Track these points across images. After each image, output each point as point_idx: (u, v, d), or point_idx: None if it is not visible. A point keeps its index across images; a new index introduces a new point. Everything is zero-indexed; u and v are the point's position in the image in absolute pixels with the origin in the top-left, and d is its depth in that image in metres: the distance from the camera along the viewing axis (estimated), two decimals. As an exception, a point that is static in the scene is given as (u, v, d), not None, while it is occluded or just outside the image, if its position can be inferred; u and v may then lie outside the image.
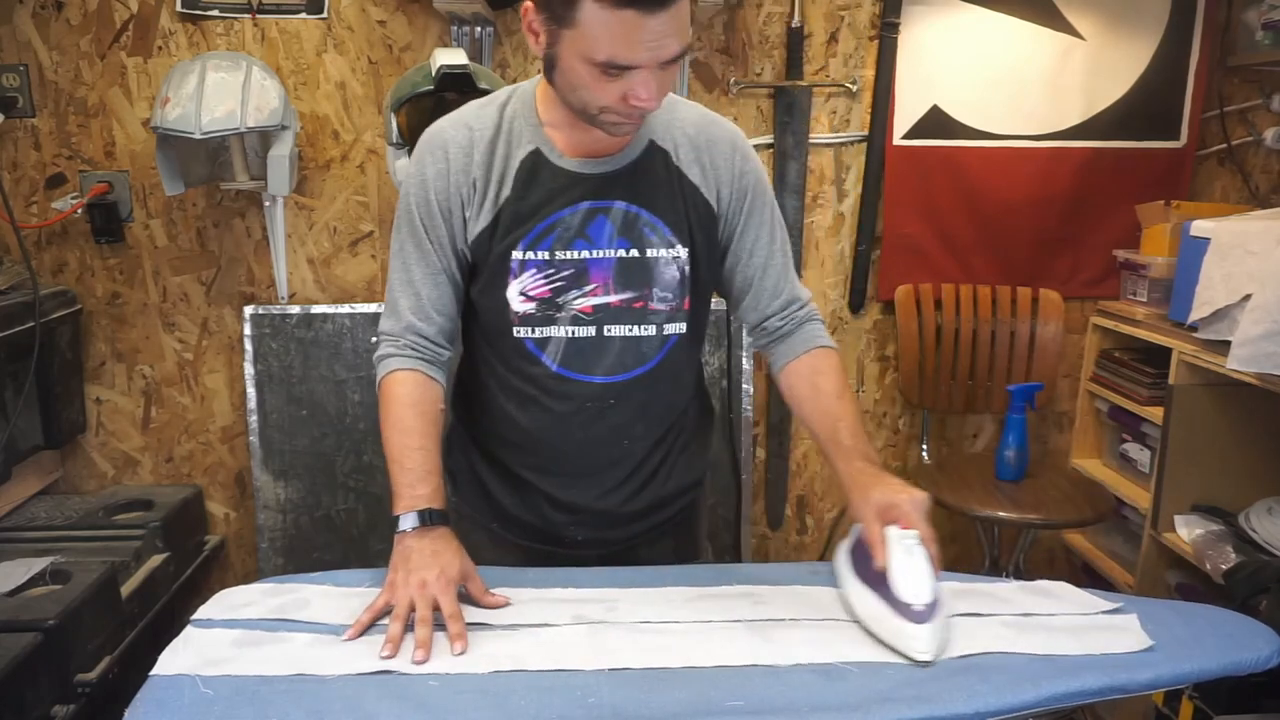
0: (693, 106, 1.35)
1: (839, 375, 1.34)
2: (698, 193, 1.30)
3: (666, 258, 1.28)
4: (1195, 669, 1.09)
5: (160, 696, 0.99)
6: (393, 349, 1.30)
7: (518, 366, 1.32)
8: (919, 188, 2.56)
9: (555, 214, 1.25)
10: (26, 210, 2.42)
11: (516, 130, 1.27)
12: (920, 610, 1.07)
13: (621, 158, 1.27)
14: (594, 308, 1.28)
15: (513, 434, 1.37)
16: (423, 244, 1.29)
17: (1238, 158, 2.52)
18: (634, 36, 1.06)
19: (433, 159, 1.27)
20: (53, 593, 1.80)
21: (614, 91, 1.12)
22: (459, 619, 1.11)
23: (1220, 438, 2.14)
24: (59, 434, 2.39)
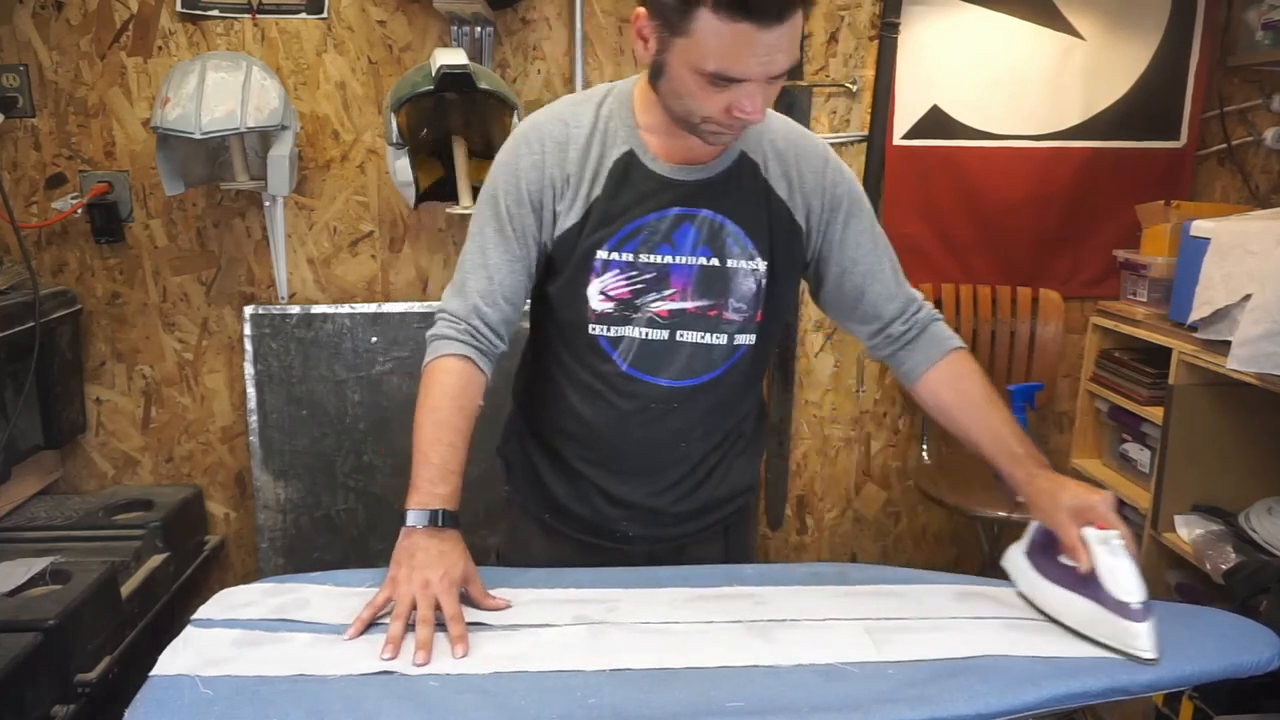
0: (783, 120, 1.35)
1: (982, 378, 1.33)
2: (783, 207, 1.30)
3: (746, 269, 1.29)
4: (1196, 671, 1.09)
5: (160, 696, 0.99)
6: (451, 331, 1.28)
7: (588, 363, 1.32)
8: (919, 188, 2.56)
9: (644, 217, 1.26)
10: (26, 210, 2.42)
11: (612, 130, 1.27)
12: (1138, 609, 1.07)
13: (713, 167, 1.27)
14: (670, 312, 1.29)
15: (574, 427, 1.37)
16: (504, 230, 1.28)
17: (1238, 158, 2.52)
18: (746, 49, 1.07)
19: (529, 149, 1.27)
20: (53, 593, 1.80)
21: (719, 102, 1.13)
22: (460, 621, 1.11)
23: (1220, 438, 2.14)
24: (59, 434, 2.39)
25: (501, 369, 1.35)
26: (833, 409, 2.73)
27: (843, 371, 2.71)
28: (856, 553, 2.85)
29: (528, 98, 2.44)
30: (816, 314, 2.65)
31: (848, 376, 2.71)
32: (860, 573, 1.30)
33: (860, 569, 1.32)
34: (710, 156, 1.27)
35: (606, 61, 2.44)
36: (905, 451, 2.78)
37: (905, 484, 2.80)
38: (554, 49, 2.43)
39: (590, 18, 2.41)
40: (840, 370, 2.71)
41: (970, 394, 1.32)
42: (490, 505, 2.53)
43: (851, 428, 2.75)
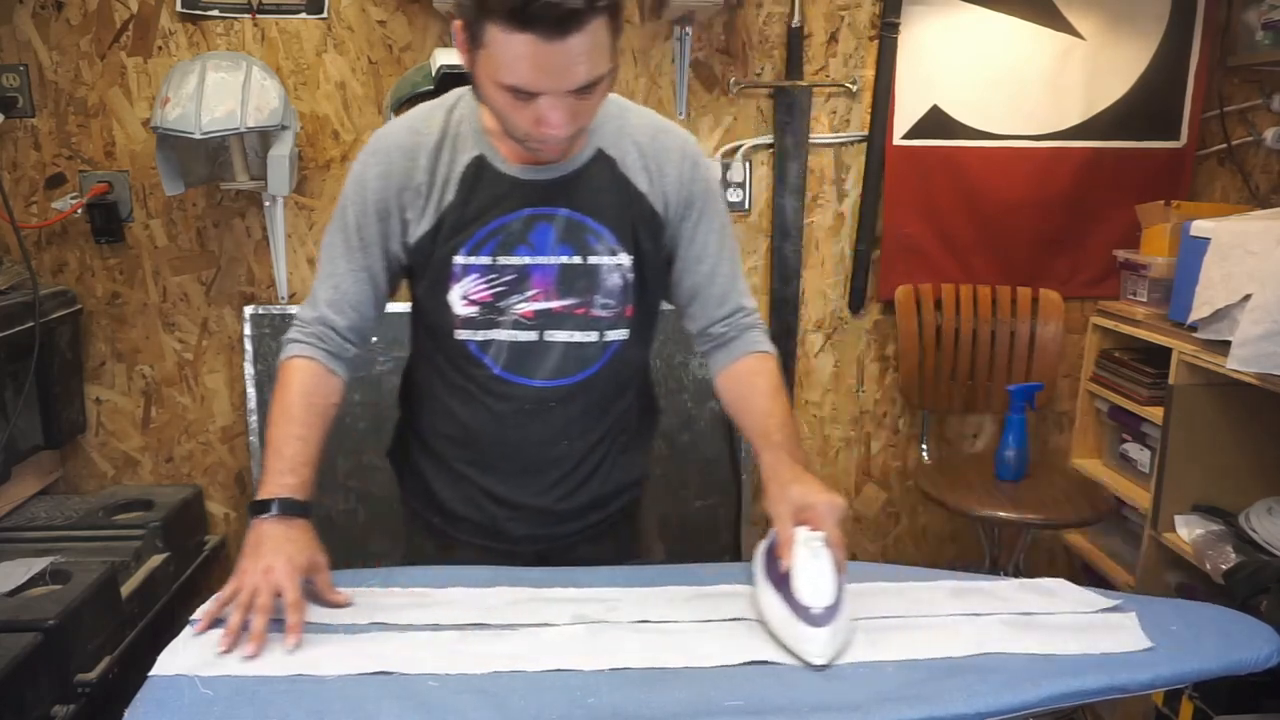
0: (645, 114, 1.35)
1: (775, 377, 1.33)
2: (644, 200, 1.30)
3: (610, 265, 1.29)
4: (1195, 668, 1.09)
5: (160, 696, 0.99)
6: (300, 335, 1.33)
7: (461, 367, 1.34)
8: (919, 188, 2.56)
9: (497, 220, 1.27)
10: (26, 210, 2.42)
11: (462, 135, 1.28)
12: (818, 613, 1.05)
13: (566, 165, 1.27)
14: (535, 313, 1.29)
15: (454, 430, 1.39)
16: (350, 240, 1.30)
17: (1238, 158, 2.52)
18: (533, 62, 1.05)
19: (375, 160, 1.29)
20: (53, 593, 1.80)
21: (526, 116, 1.12)
22: (299, 609, 1.11)
23: (1220, 438, 2.14)
24: (59, 434, 2.39)
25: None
26: (833, 409, 2.73)
27: (843, 371, 2.71)
28: (856, 553, 2.85)
29: (528, 98, 2.44)
30: (816, 314, 2.66)
31: (848, 376, 2.71)
32: (859, 571, 1.30)
33: (859, 567, 1.32)
34: (561, 157, 1.27)
35: (606, 61, 2.44)
36: (905, 451, 2.78)
37: (905, 484, 2.79)
38: (554, 49, 2.43)
39: (590, 18, 2.41)
40: (840, 370, 2.71)
41: (754, 385, 1.32)
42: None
43: (851, 428, 2.75)
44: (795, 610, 1.07)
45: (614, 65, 1.14)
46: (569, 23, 1.03)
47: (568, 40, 1.04)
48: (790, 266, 2.59)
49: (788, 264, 2.59)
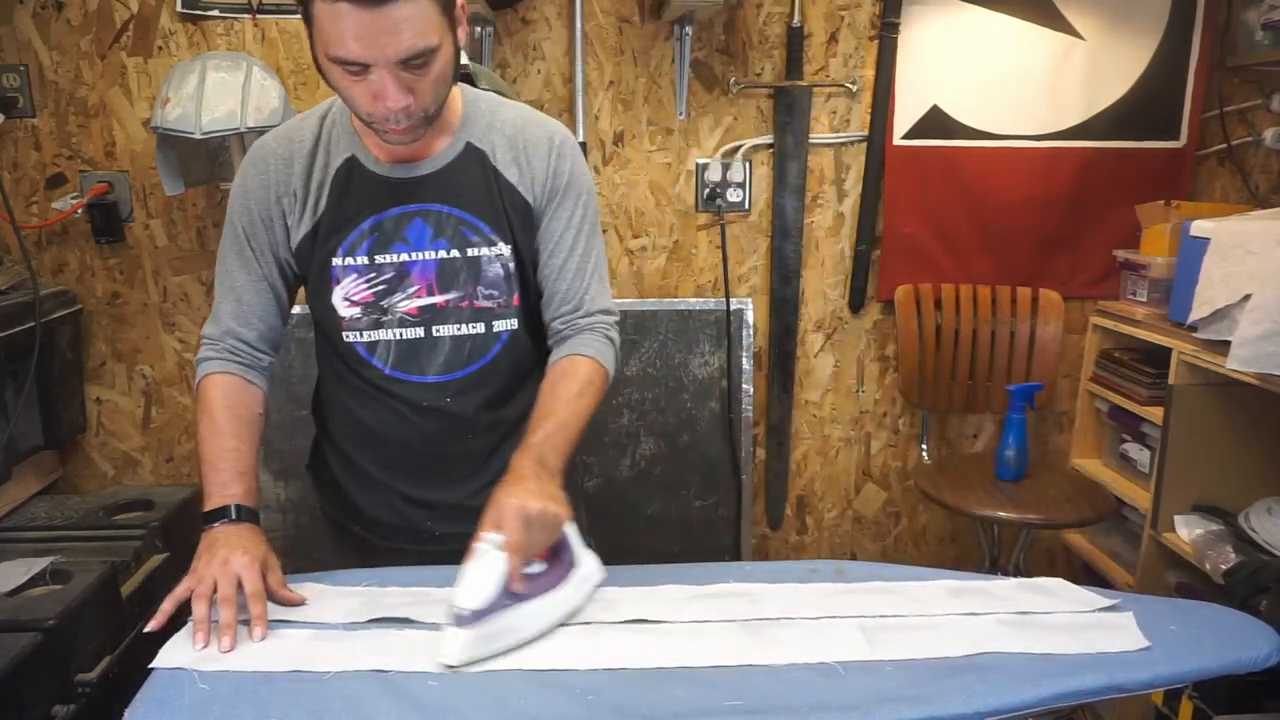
0: (517, 108, 1.37)
1: (582, 382, 1.30)
2: (515, 191, 1.31)
3: (489, 256, 1.30)
4: (1195, 668, 1.09)
5: (160, 695, 1.00)
6: (212, 353, 1.34)
7: (355, 369, 1.35)
8: (919, 188, 2.56)
9: (371, 219, 1.28)
10: (27, 210, 2.42)
11: (335, 139, 1.30)
12: (461, 614, 1.04)
13: (436, 160, 1.29)
14: (419, 309, 1.30)
15: (360, 434, 1.39)
16: (244, 252, 1.33)
17: (1238, 158, 2.52)
18: (355, 31, 1.07)
19: (254, 170, 1.31)
20: (53, 593, 1.79)
21: (362, 92, 1.13)
22: (261, 599, 1.12)
23: (1220, 438, 2.14)
24: (59, 434, 2.39)
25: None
26: (832, 409, 2.73)
27: (843, 371, 2.71)
28: (856, 553, 2.85)
29: (528, 98, 2.44)
30: (816, 314, 2.66)
31: (848, 376, 2.71)
32: (858, 570, 1.30)
33: (858, 566, 1.32)
34: (430, 151, 1.29)
35: (606, 61, 2.45)
36: (905, 451, 2.78)
37: (905, 484, 2.79)
38: (554, 49, 2.43)
39: (590, 18, 2.41)
40: (840, 370, 2.71)
41: (553, 386, 1.29)
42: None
43: (851, 428, 2.75)
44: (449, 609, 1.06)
45: (447, 42, 1.14)
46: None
47: (384, 8, 1.05)
48: (790, 266, 2.59)
49: (788, 264, 2.59)
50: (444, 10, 1.12)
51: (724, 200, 2.54)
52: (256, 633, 1.09)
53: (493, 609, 1.05)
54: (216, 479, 1.24)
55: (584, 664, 1.06)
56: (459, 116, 1.31)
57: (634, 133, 2.50)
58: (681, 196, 2.56)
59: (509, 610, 1.07)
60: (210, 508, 1.22)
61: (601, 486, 2.55)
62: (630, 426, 2.53)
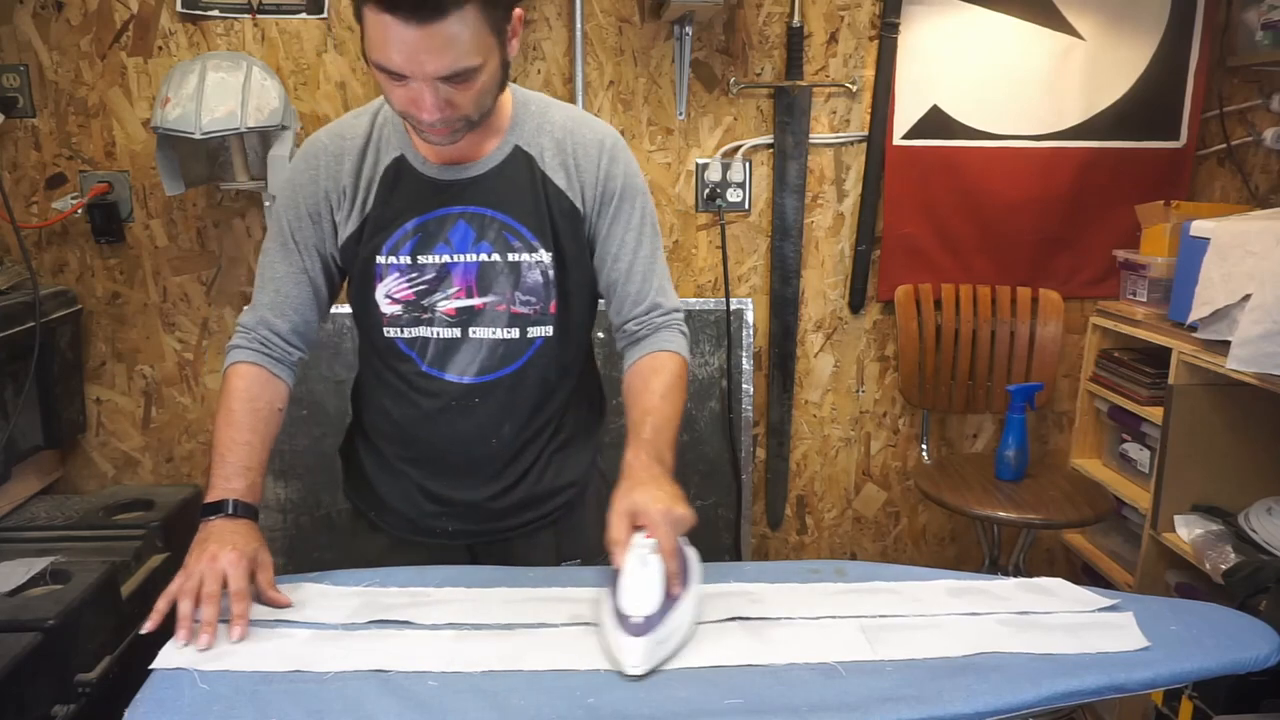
0: (566, 109, 1.36)
1: (672, 377, 1.32)
2: (563, 196, 1.31)
3: (529, 262, 1.30)
4: (1194, 668, 1.09)
5: (161, 695, 1.00)
6: (243, 341, 1.34)
7: (391, 364, 1.36)
8: (919, 188, 2.56)
9: (416, 219, 1.29)
10: (27, 210, 2.42)
11: (386, 137, 1.31)
12: (636, 623, 1.04)
13: (484, 163, 1.29)
14: (457, 310, 1.31)
15: (388, 426, 1.41)
16: (287, 244, 1.33)
17: (1237, 158, 2.52)
18: (391, 43, 1.07)
19: (305, 165, 1.33)
20: (53, 593, 1.79)
21: (400, 98, 1.14)
22: (244, 598, 1.12)
23: (1220, 438, 2.14)
24: (59, 434, 2.39)
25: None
26: (832, 409, 2.73)
27: (842, 371, 2.71)
28: (856, 553, 2.85)
29: (527, 98, 2.44)
30: (816, 314, 2.66)
31: (847, 376, 2.71)
32: (858, 570, 1.30)
33: (858, 566, 1.32)
34: (480, 154, 1.29)
35: (607, 61, 2.45)
36: (905, 451, 2.78)
37: (905, 484, 2.80)
38: (554, 49, 2.43)
39: (590, 18, 2.41)
40: (840, 370, 2.71)
41: (647, 382, 1.31)
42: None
43: (851, 428, 2.75)
44: (617, 617, 1.06)
45: (493, 59, 1.14)
46: (428, 9, 1.04)
47: (428, 26, 1.05)
48: (790, 266, 2.59)
49: (788, 264, 2.59)
50: (494, 28, 1.11)
51: (724, 200, 2.54)
52: (235, 632, 1.09)
53: (661, 613, 1.06)
54: (221, 471, 1.24)
55: (583, 664, 1.06)
56: (508, 118, 1.31)
57: (634, 133, 2.50)
58: (681, 196, 2.56)
59: (671, 612, 1.08)
60: (210, 500, 1.22)
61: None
62: (630, 426, 2.52)
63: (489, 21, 1.10)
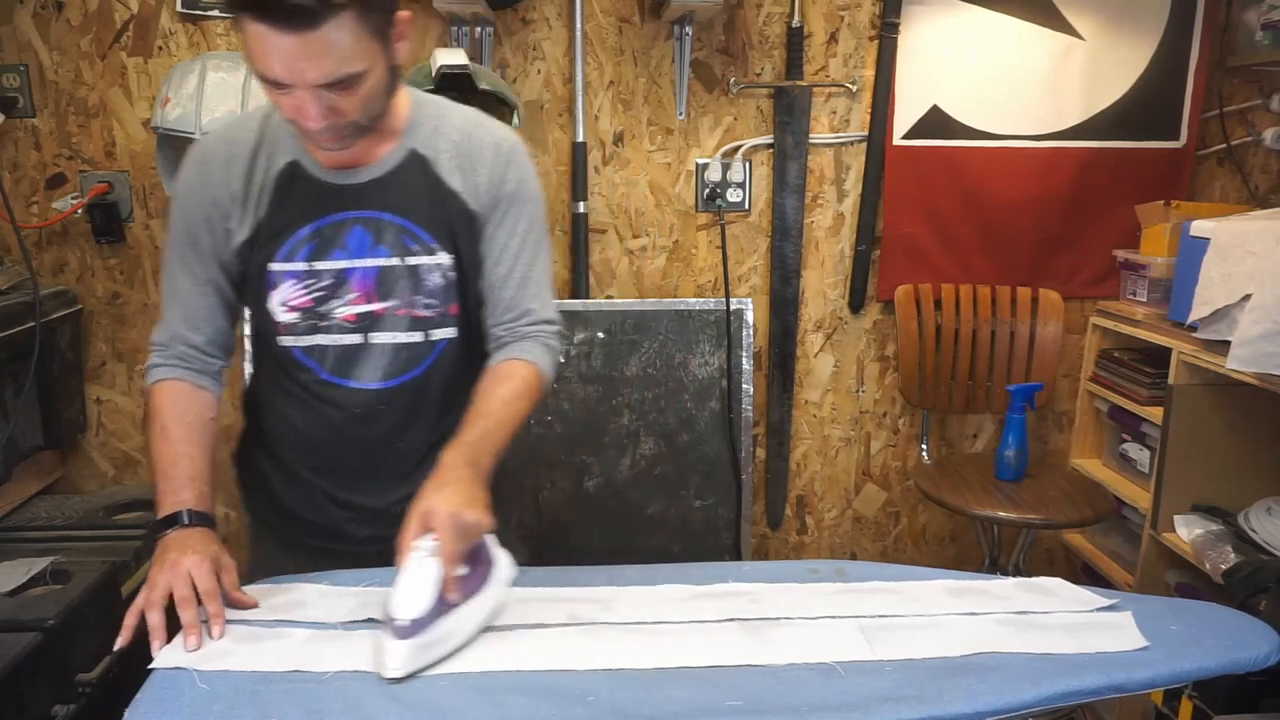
0: (466, 113, 1.34)
1: (520, 384, 1.28)
2: (458, 199, 1.29)
3: (430, 264, 1.29)
4: (1194, 667, 1.09)
5: (160, 695, 0.99)
6: (160, 359, 1.33)
7: (291, 373, 1.34)
8: (919, 188, 2.56)
9: (311, 224, 1.27)
10: (27, 210, 2.42)
11: (278, 140, 1.28)
12: (400, 625, 1.02)
13: (379, 167, 1.28)
14: (357, 316, 1.29)
15: (291, 434, 1.39)
16: (186, 256, 1.30)
17: (1237, 158, 2.52)
18: (274, 54, 1.06)
19: (194, 173, 1.29)
20: (53, 593, 1.80)
21: (288, 107, 1.13)
22: (216, 597, 1.11)
23: (1220, 438, 2.14)
24: (59, 434, 2.39)
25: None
26: (832, 409, 2.73)
27: (842, 371, 2.71)
28: (856, 553, 2.85)
29: (528, 98, 2.44)
30: (816, 314, 2.66)
31: (847, 376, 2.71)
32: (857, 569, 1.30)
33: (858, 566, 1.32)
34: (374, 158, 1.27)
35: (606, 61, 2.45)
36: (905, 451, 2.78)
37: (905, 484, 2.79)
38: (554, 49, 2.43)
39: (590, 18, 2.41)
40: (840, 370, 2.71)
41: (490, 388, 1.28)
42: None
43: (851, 428, 2.75)
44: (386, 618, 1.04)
45: (378, 64, 1.13)
46: (301, 17, 1.03)
47: (304, 34, 1.04)
48: (790, 266, 2.59)
49: (788, 264, 2.59)
50: (375, 33, 1.10)
51: (724, 200, 2.54)
52: (215, 630, 1.09)
53: (430, 618, 1.04)
54: (168, 486, 1.23)
55: (583, 664, 1.06)
56: (404, 122, 1.29)
57: (634, 133, 2.50)
58: (681, 196, 2.56)
59: (445, 617, 1.06)
60: (162, 515, 1.21)
61: (601, 486, 2.55)
62: (630, 426, 2.53)
63: (368, 27, 1.09)
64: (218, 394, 1.35)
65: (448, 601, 1.06)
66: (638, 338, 2.51)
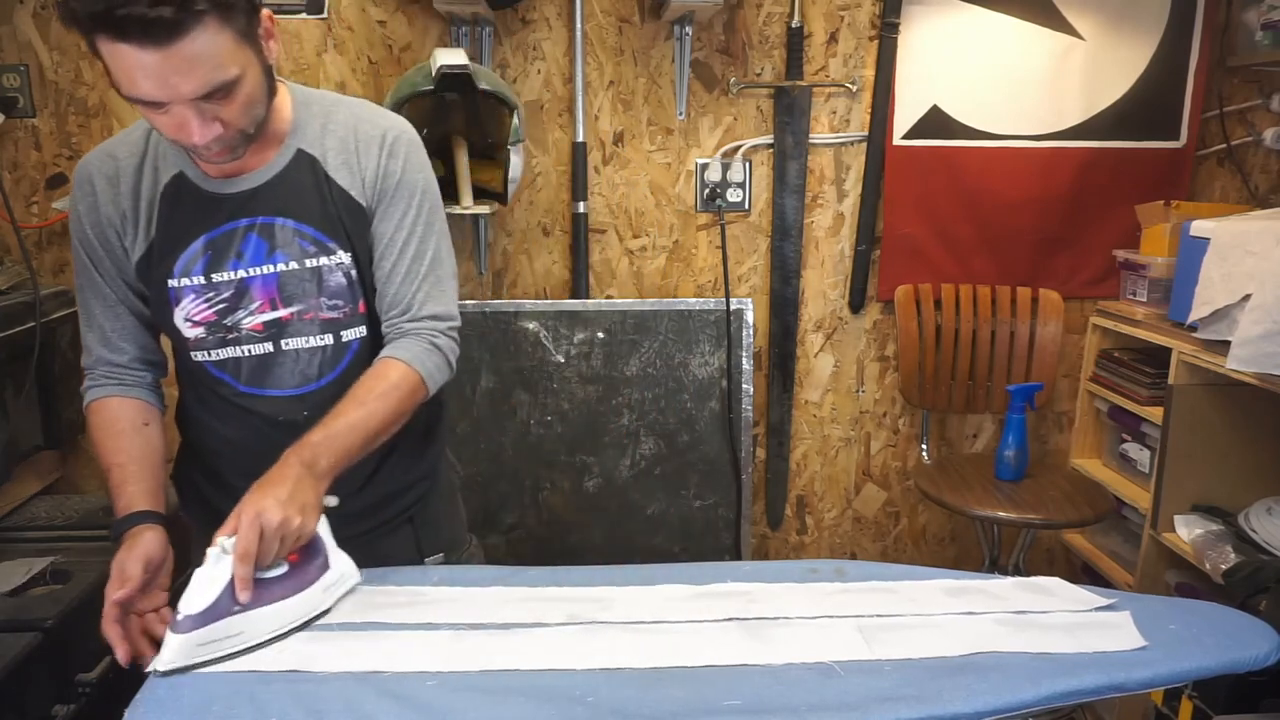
0: (354, 106, 1.32)
1: (386, 385, 1.25)
2: (348, 196, 1.27)
3: (329, 265, 1.27)
4: (1194, 667, 1.09)
5: (160, 695, 1.00)
6: (90, 381, 1.33)
7: (209, 386, 1.32)
8: (919, 188, 2.56)
9: (204, 236, 1.25)
10: (27, 210, 2.42)
11: (161, 153, 1.26)
12: (177, 620, 1.03)
13: (265, 171, 1.25)
14: (264, 324, 1.27)
15: (222, 446, 1.37)
16: (93, 279, 1.29)
17: (1237, 158, 2.52)
18: (139, 73, 1.02)
19: (81, 194, 1.26)
20: (53, 593, 1.80)
21: (165, 124, 1.09)
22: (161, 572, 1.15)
23: (1220, 438, 2.14)
24: (60, 434, 2.38)
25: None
26: (832, 409, 2.73)
27: (842, 371, 2.71)
28: (856, 553, 2.85)
29: (528, 98, 2.44)
30: (816, 314, 2.66)
31: (847, 376, 2.71)
32: (857, 569, 1.30)
33: (857, 565, 1.32)
34: (260, 163, 1.25)
35: (606, 61, 2.45)
36: (905, 451, 2.78)
37: (905, 484, 2.79)
38: (554, 49, 2.43)
39: (590, 18, 2.41)
40: (840, 370, 2.71)
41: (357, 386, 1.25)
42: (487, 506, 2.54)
43: (851, 428, 2.75)
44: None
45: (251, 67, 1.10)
46: (162, 30, 0.99)
47: (168, 47, 1.01)
48: (790, 266, 2.59)
49: (788, 264, 2.59)
50: (241, 37, 1.08)
51: (724, 200, 2.54)
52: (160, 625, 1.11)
53: (212, 616, 1.04)
54: (115, 504, 1.22)
55: (582, 664, 1.06)
56: (288, 123, 1.27)
57: (634, 133, 2.50)
58: (681, 196, 2.56)
59: (232, 617, 1.05)
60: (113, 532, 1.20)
61: (601, 486, 2.55)
62: (630, 426, 2.53)
63: (233, 30, 1.06)
64: (150, 401, 1.34)
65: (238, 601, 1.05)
66: (638, 338, 2.51)
